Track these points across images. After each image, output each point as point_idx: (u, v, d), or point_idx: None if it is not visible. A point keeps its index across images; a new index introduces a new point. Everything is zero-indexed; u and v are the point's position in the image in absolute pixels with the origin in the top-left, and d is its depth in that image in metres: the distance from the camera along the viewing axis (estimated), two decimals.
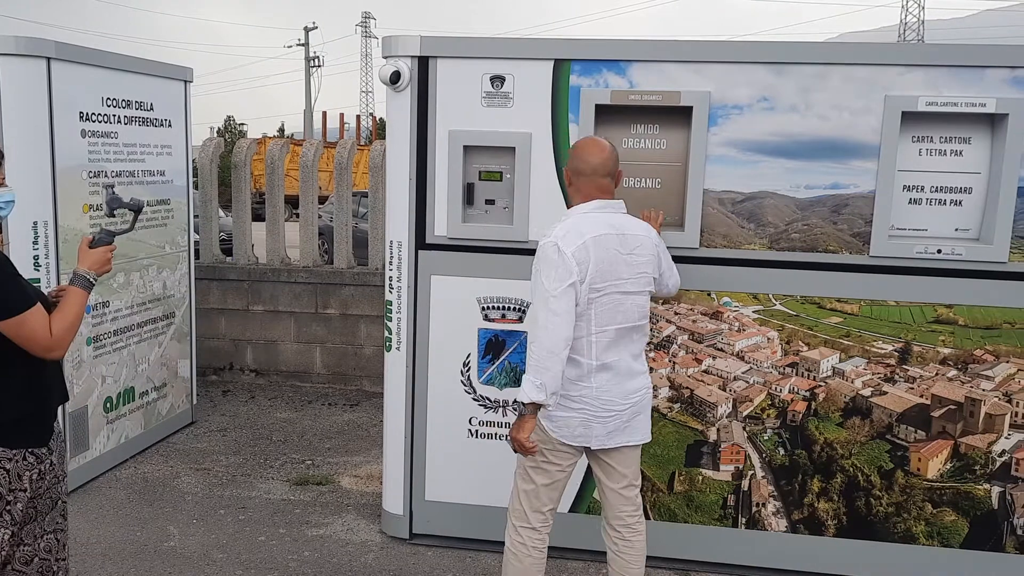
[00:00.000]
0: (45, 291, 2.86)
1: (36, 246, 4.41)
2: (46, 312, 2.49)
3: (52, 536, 2.63)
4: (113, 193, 3.01)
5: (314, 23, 50.22)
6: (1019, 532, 3.84)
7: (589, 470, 3.28)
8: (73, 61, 4.61)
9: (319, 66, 49.87)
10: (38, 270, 4.41)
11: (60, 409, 3.24)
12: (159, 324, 5.54)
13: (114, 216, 3.02)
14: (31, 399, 2.52)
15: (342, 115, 37.62)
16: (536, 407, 2.94)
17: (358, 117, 37.35)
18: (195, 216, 6.49)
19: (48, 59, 4.42)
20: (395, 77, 3.86)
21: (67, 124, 4.59)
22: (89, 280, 2.63)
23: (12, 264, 2.45)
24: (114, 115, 4.97)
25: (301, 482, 5.05)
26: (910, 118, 3.62)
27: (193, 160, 6.43)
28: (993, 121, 3.63)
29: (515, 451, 3.03)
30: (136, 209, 2.93)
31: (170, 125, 5.53)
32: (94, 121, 4.80)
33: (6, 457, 2.45)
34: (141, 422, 5.43)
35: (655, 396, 3.79)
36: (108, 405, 5.06)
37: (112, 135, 4.95)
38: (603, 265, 2.93)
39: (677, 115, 3.76)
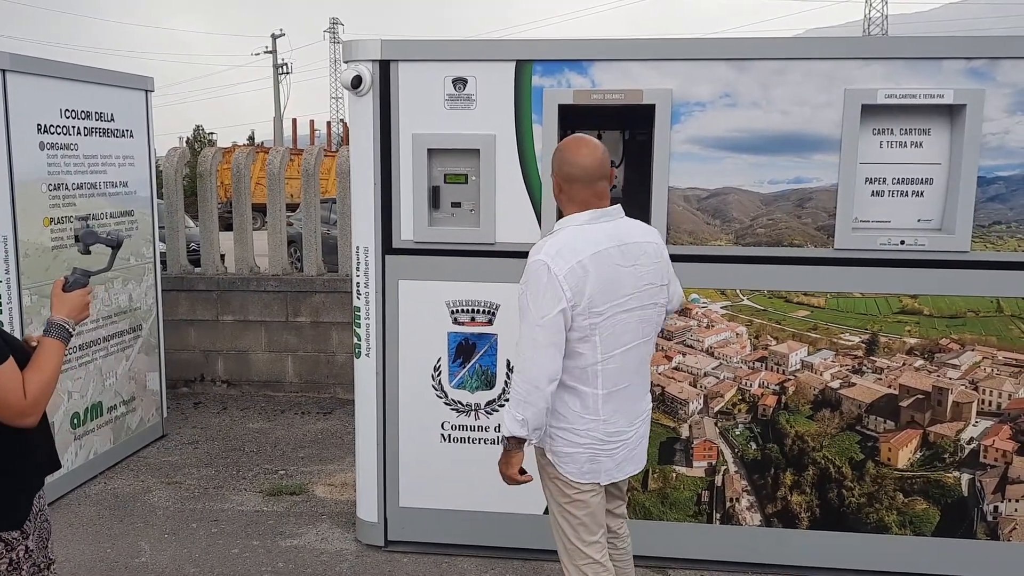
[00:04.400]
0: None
1: None
2: (19, 370, 2.12)
3: None
4: (88, 227, 2.69)
5: (281, 30, 50.04)
6: (989, 518, 3.88)
7: None
8: (29, 73, 4.55)
9: (288, 73, 49.63)
10: None
11: None
12: (126, 337, 5.47)
13: (90, 253, 2.68)
14: None
15: (312, 122, 37.41)
16: (519, 441, 2.67)
17: (328, 123, 37.23)
18: (161, 227, 6.41)
19: (3, 71, 4.36)
20: (356, 81, 3.83)
21: (24, 136, 4.52)
22: (67, 330, 2.29)
23: None
24: (73, 127, 4.90)
25: (274, 492, 5.00)
26: (870, 111, 3.65)
27: (159, 169, 6.36)
28: (951, 112, 3.67)
29: (508, 484, 2.79)
30: (115, 245, 2.65)
31: (132, 135, 5.46)
32: (53, 133, 4.72)
33: None
34: (110, 437, 5.35)
35: None
36: (75, 421, 4.98)
37: (72, 147, 4.88)
38: (605, 285, 2.59)
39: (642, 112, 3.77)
